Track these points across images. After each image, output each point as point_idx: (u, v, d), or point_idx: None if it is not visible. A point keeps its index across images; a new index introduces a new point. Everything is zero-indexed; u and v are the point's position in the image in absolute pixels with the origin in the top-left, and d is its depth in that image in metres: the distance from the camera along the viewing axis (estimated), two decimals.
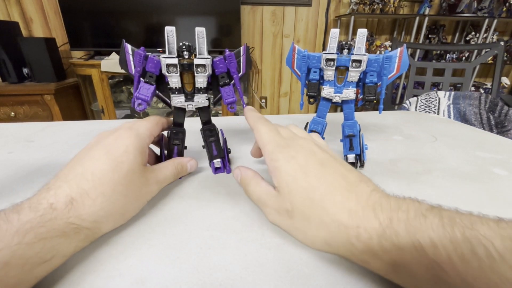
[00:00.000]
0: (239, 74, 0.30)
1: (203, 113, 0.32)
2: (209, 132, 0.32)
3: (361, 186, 0.20)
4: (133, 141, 0.24)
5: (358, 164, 0.34)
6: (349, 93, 0.32)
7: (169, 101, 0.30)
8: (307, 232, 0.20)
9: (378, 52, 2.07)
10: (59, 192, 0.19)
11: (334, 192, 0.20)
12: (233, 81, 0.30)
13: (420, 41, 2.05)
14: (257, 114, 0.28)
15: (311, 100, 0.33)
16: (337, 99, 0.32)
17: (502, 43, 1.28)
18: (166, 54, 0.28)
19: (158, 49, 1.63)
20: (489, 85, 2.26)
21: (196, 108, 0.30)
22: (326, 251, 0.20)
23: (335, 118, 0.53)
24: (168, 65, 0.27)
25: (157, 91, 0.30)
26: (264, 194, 0.23)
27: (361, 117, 0.58)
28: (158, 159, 0.32)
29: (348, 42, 0.30)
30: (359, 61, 0.30)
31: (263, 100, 2.31)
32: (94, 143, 0.24)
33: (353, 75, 0.31)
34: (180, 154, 0.32)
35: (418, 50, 2.00)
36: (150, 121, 0.28)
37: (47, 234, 0.17)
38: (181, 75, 0.28)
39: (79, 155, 0.23)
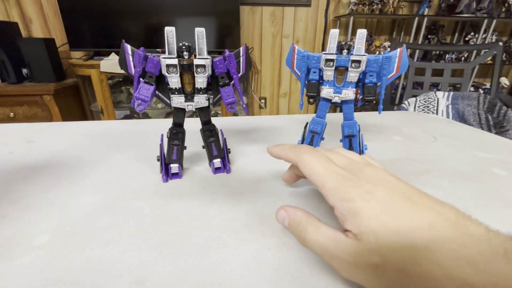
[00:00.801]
0: (239, 75, 0.30)
1: (203, 113, 0.32)
2: (209, 132, 0.32)
3: (471, 226, 0.15)
4: None
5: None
6: (349, 94, 0.32)
7: (169, 101, 0.30)
8: None
9: (377, 52, 2.08)
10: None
11: (441, 237, 0.15)
12: (232, 81, 0.30)
13: (419, 42, 2.06)
14: (287, 145, 0.24)
15: (311, 100, 0.33)
16: (336, 99, 0.32)
17: (501, 43, 1.29)
18: (166, 55, 0.28)
19: (157, 50, 1.63)
20: (488, 85, 2.26)
21: (196, 109, 0.30)
22: None
23: (335, 118, 0.53)
24: (168, 66, 0.27)
25: (157, 92, 0.30)
26: (332, 243, 0.18)
27: (360, 117, 0.59)
28: None
29: (348, 43, 0.30)
30: (359, 62, 0.30)
31: (263, 101, 2.31)
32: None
33: (353, 75, 0.31)
34: (180, 154, 0.32)
35: (417, 51, 2.01)
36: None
37: None
38: (181, 76, 0.28)
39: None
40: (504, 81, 2.34)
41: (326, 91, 0.32)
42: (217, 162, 0.33)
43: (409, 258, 0.15)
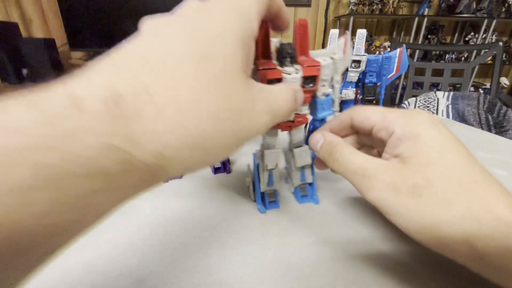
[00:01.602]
0: None
1: None
2: None
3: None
4: (235, 21, 0.13)
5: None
6: (349, 93, 0.32)
7: None
8: (440, 219, 0.15)
9: (377, 52, 2.08)
10: (96, 79, 0.10)
11: (489, 179, 0.16)
12: None
13: (419, 42, 2.06)
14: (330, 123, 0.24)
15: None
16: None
17: (501, 43, 1.29)
18: None
19: None
20: (488, 85, 2.26)
21: None
22: (456, 250, 0.15)
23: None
24: None
25: None
26: (372, 164, 0.18)
27: None
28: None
29: None
30: (358, 62, 0.30)
31: None
32: (172, 18, 0.14)
33: (352, 75, 0.31)
34: None
35: (417, 51, 2.01)
36: None
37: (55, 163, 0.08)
38: None
39: (144, 34, 0.13)
40: (504, 81, 2.34)
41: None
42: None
43: (455, 189, 0.15)
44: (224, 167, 0.33)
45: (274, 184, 0.26)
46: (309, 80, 0.21)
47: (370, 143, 0.22)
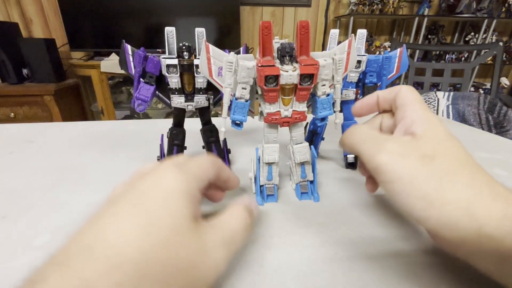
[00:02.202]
0: None
1: (203, 113, 0.32)
2: (209, 132, 0.32)
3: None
4: (180, 182, 0.16)
5: (358, 164, 0.34)
6: (349, 94, 0.32)
7: (169, 101, 0.30)
8: (444, 186, 0.16)
9: (377, 52, 2.08)
10: None
11: (477, 166, 0.17)
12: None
13: (420, 42, 2.06)
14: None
15: None
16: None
17: (501, 43, 1.29)
18: (166, 55, 0.28)
19: (158, 50, 1.63)
20: (488, 85, 2.26)
21: (196, 109, 0.30)
22: (450, 221, 0.15)
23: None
24: (168, 66, 0.27)
25: (157, 92, 0.30)
26: (384, 134, 0.20)
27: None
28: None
29: None
30: (359, 62, 0.30)
31: None
32: (123, 190, 0.16)
33: (353, 75, 0.31)
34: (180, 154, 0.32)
35: (418, 51, 2.01)
36: (205, 161, 0.19)
37: None
38: (181, 76, 0.28)
39: (99, 213, 0.15)
40: (504, 81, 2.34)
41: None
42: None
43: (460, 159, 0.17)
44: None
45: (273, 178, 0.27)
46: (307, 78, 0.22)
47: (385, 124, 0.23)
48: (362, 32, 0.30)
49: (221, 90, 0.24)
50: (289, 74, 0.21)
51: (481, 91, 2.23)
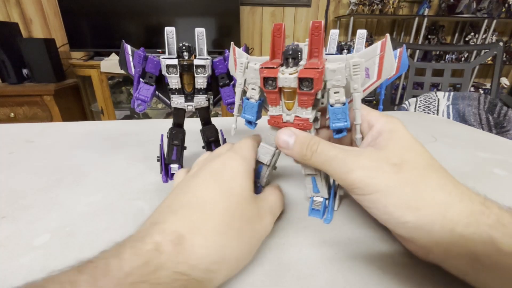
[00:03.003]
0: None
1: (203, 113, 0.32)
2: (209, 132, 0.32)
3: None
4: (242, 164, 0.21)
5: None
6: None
7: (169, 101, 0.30)
8: (419, 189, 0.17)
9: None
10: (166, 226, 0.16)
11: (443, 169, 0.19)
12: (232, 81, 0.30)
13: (420, 42, 2.06)
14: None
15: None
16: None
17: (501, 43, 1.29)
18: (166, 55, 0.28)
19: (158, 50, 1.63)
20: (488, 85, 2.26)
21: (196, 109, 0.30)
22: (425, 223, 0.17)
23: None
24: (168, 66, 0.27)
25: (157, 92, 0.30)
26: (351, 150, 0.20)
27: None
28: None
29: (348, 43, 0.30)
30: None
31: None
32: (198, 170, 0.21)
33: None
34: (180, 154, 0.32)
35: (418, 51, 2.01)
36: (251, 141, 0.24)
37: None
38: (181, 76, 0.28)
39: (182, 184, 0.20)
40: (504, 81, 2.34)
41: None
42: None
43: (427, 166, 0.18)
44: None
45: (261, 178, 0.26)
46: (306, 82, 0.20)
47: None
48: (362, 32, 0.30)
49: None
50: (285, 77, 0.20)
51: (481, 91, 2.23)
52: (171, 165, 0.32)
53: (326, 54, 0.30)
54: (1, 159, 0.37)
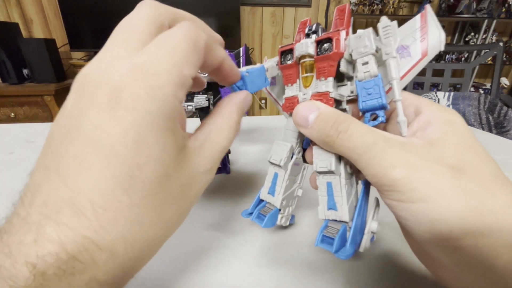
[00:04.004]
0: None
1: (203, 113, 0.32)
2: None
3: None
4: (150, 121, 0.12)
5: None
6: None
7: None
8: (483, 207, 0.13)
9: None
10: (43, 240, 0.10)
11: (508, 180, 0.14)
12: None
13: None
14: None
15: None
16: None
17: (501, 43, 1.29)
18: None
19: None
20: (488, 85, 2.26)
21: (196, 109, 0.31)
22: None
23: None
24: None
25: None
26: (396, 138, 0.15)
27: None
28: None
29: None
30: None
31: (263, 101, 2.31)
32: (77, 133, 0.12)
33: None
34: None
35: None
36: (182, 48, 0.13)
37: None
38: None
39: (54, 150, 0.12)
40: (505, 81, 2.34)
41: None
42: None
43: (492, 173, 0.14)
44: (224, 167, 0.33)
45: (276, 195, 0.19)
46: (326, 45, 0.17)
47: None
48: None
49: (270, 99, 0.24)
50: (302, 43, 0.18)
51: (481, 91, 2.23)
52: None
53: None
54: (2, 159, 0.37)
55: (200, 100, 0.30)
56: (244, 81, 0.18)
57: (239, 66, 0.30)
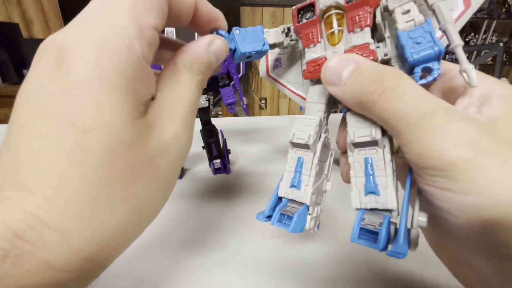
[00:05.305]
0: (239, 75, 0.30)
1: (203, 114, 0.32)
2: (209, 132, 0.32)
3: None
4: (104, 89, 0.10)
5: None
6: None
7: None
8: None
9: None
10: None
11: None
12: (232, 82, 0.30)
13: None
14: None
15: None
16: None
17: (501, 44, 1.29)
18: None
19: None
20: None
21: None
22: None
23: (335, 119, 0.53)
24: None
25: None
26: (452, 108, 0.12)
27: None
28: None
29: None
30: None
31: (263, 101, 2.31)
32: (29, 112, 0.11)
33: None
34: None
35: None
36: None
37: None
38: None
39: (9, 121, 0.11)
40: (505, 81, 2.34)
41: None
42: (217, 162, 0.33)
43: None
44: (224, 167, 0.33)
45: (301, 187, 0.15)
46: None
47: None
48: None
49: (276, 85, 0.21)
50: None
51: None
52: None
53: None
54: None
55: (200, 100, 0.30)
56: (234, 37, 0.15)
57: (239, 67, 0.30)
